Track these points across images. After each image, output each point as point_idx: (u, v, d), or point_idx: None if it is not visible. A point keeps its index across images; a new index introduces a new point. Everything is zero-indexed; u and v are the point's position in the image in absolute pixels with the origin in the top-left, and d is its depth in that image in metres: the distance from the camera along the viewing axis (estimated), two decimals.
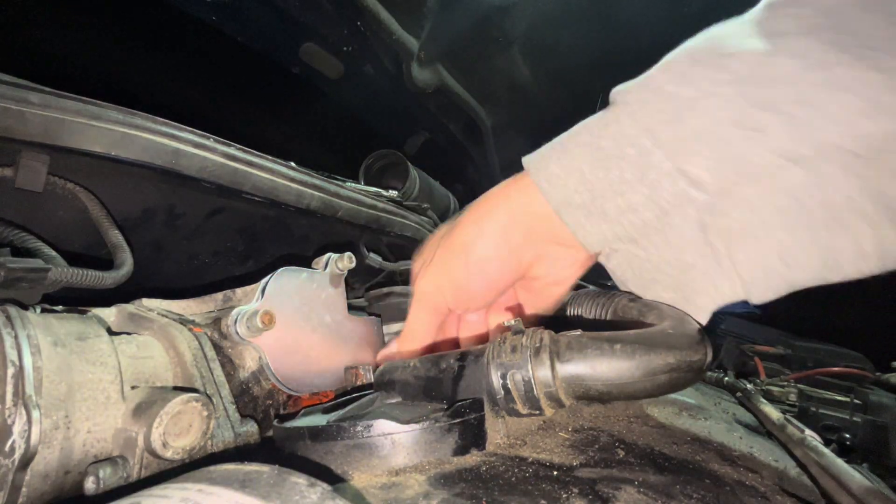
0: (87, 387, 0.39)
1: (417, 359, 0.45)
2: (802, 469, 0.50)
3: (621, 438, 0.44)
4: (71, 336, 0.41)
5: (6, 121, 0.52)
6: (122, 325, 0.51)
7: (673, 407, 0.56)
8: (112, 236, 0.61)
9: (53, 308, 0.47)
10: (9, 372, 0.35)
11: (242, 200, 0.78)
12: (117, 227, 0.63)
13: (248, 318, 0.51)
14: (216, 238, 0.82)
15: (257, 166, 0.75)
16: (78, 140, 0.57)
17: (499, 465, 0.36)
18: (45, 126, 0.55)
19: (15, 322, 0.38)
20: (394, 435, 0.36)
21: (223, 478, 0.25)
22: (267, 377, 0.53)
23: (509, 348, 0.39)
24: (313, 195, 0.85)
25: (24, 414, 0.35)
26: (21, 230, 0.55)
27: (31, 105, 0.54)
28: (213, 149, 0.69)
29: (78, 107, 0.57)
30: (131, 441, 0.39)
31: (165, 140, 0.64)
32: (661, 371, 0.36)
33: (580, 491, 0.33)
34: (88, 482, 0.36)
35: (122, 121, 0.61)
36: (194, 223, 0.78)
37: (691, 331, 0.38)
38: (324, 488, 0.25)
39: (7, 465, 0.34)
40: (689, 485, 0.36)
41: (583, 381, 0.37)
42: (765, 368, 1.15)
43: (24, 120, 0.53)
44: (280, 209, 0.84)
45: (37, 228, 0.57)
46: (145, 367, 0.45)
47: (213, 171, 0.69)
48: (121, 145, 0.60)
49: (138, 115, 0.63)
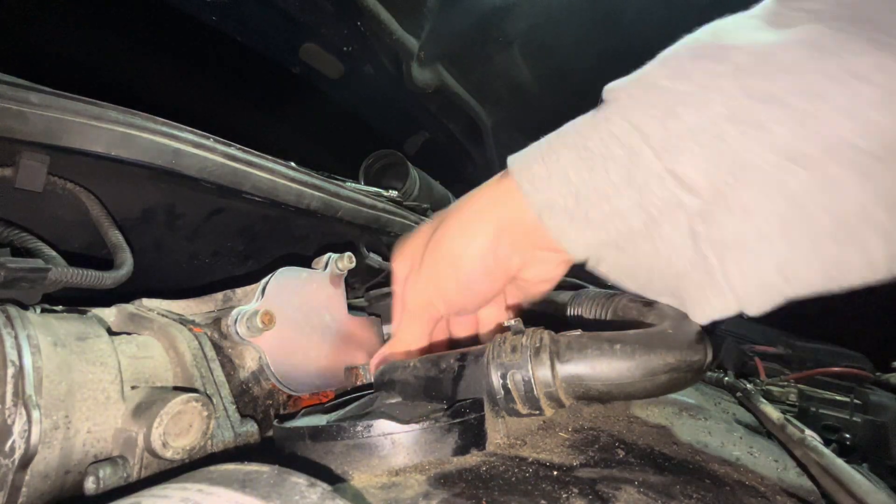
0: (87, 387, 0.39)
1: (417, 359, 0.45)
2: (802, 469, 0.50)
3: (621, 438, 0.44)
4: (71, 336, 0.41)
5: (6, 121, 0.52)
6: (122, 325, 0.51)
7: (673, 407, 0.56)
8: (112, 236, 0.61)
9: (53, 308, 0.47)
10: (9, 372, 0.35)
11: (242, 200, 0.78)
12: (117, 227, 0.63)
13: (248, 318, 0.51)
14: (216, 238, 0.82)
15: (257, 166, 0.75)
16: (78, 140, 0.57)
17: (499, 465, 0.36)
18: (45, 126, 0.55)
19: (15, 322, 0.38)
20: (394, 435, 0.36)
21: (223, 478, 0.25)
22: (267, 377, 0.53)
23: (509, 348, 0.39)
24: (313, 195, 0.85)
25: (24, 414, 0.35)
26: (21, 230, 0.55)
27: (31, 105, 0.53)
28: (213, 149, 0.69)
29: (78, 107, 0.57)
30: (131, 441, 0.39)
31: (165, 140, 0.64)
32: (661, 371, 0.36)
33: (580, 491, 0.33)
34: (88, 482, 0.36)
35: (122, 121, 0.61)
36: (194, 223, 0.78)
37: (691, 331, 0.38)
38: (324, 488, 0.25)
39: (7, 465, 0.34)
40: (689, 485, 0.36)
41: (583, 381, 0.37)
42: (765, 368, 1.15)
43: (24, 120, 0.53)
44: (280, 209, 0.84)
45: (37, 228, 0.57)
46: (145, 367, 0.45)
47: (213, 171, 0.69)
48: (121, 145, 0.60)
49: (138, 115, 0.63)
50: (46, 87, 0.56)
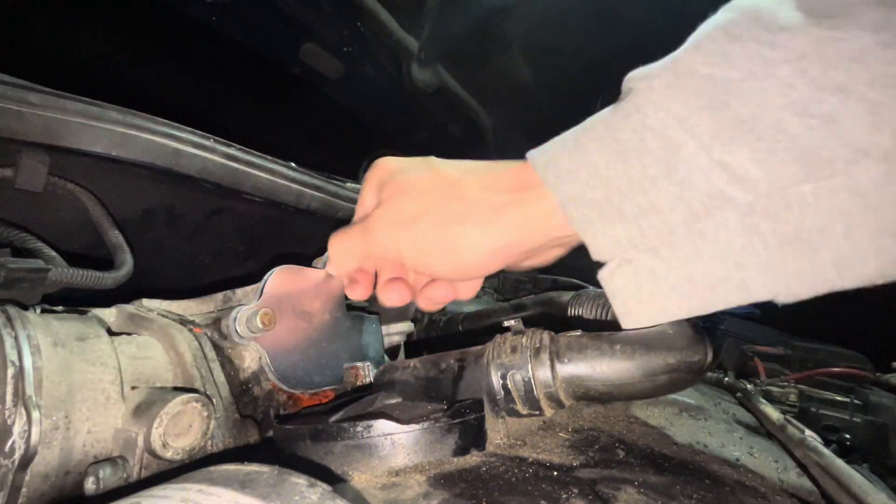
0: (87, 387, 0.39)
1: (417, 359, 0.45)
2: (802, 469, 0.50)
3: (621, 439, 0.44)
4: (71, 336, 0.41)
5: (6, 121, 0.52)
6: (122, 326, 0.51)
7: (673, 407, 0.56)
8: (112, 236, 0.61)
9: (53, 308, 0.47)
10: (9, 372, 0.35)
11: (242, 200, 0.78)
12: (117, 227, 0.63)
13: (247, 318, 0.51)
14: (216, 238, 0.82)
15: (257, 166, 0.75)
16: (78, 140, 0.57)
17: (499, 466, 0.36)
18: (45, 126, 0.55)
19: (15, 322, 0.38)
20: (394, 435, 0.36)
21: (223, 478, 0.25)
22: (267, 377, 0.53)
23: (509, 348, 0.39)
24: (313, 195, 0.85)
25: (24, 414, 0.35)
26: (21, 230, 0.55)
27: (31, 105, 0.54)
28: (213, 149, 0.69)
29: (78, 107, 0.57)
30: (131, 441, 0.38)
31: (165, 140, 0.64)
32: (661, 371, 0.36)
33: (580, 491, 0.33)
34: (88, 482, 0.36)
35: (122, 121, 0.61)
36: (194, 223, 0.78)
37: (691, 331, 0.38)
38: (324, 489, 0.25)
39: (7, 465, 0.34)
40: (689, 485, 0.36)
41: (583, 382, 0.37)
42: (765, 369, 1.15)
43: (24, 120, 0.53)
44: (280, 209, 0.84)
45: (37, 228, 0.57)
46: (145, 367, 0.45)
47: (213, 171, 0.69)
48: (121, 145, 0.60)
49: (138, 116, 0.63)
50: (46, 87, 0.56)
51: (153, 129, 0.63)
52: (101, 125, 0.59)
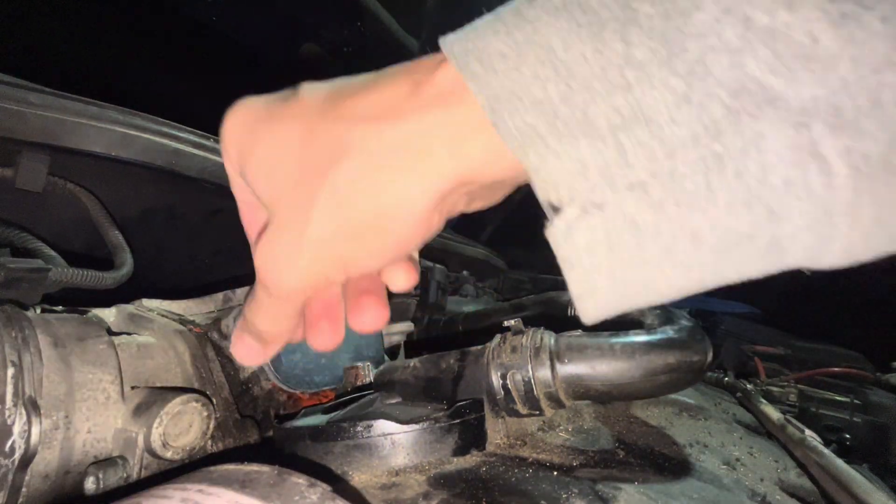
0: (87, 387, 0.39)
1: (417, 359, 0.45)
2: (802, 469, 0.50)
3: (621, 439, 0.44)
4: (71, 336, 0.41)
5: (6, 121, 0.52)
6: (122, 326, 0.51)
7: (673, 407, 0.56)
8: (112, 236, 0.61)
9: (53, 308, 0.47)
10: (9, 372, 0.35)
11: None
12: (117, 228, 0.63)
13: None
14: (216, 238, 0.82)
15: None
16: (78, 140, 0.57)
17: (499, 466, 0.36)
18: (45, 126, 0.55)
19: (15, 322, 0.38)
20: (394, 435, 0.36)
21: (223, 478, 0.25)
22: (267, 377, 0.53)
23: (509, 348, 0.39)
24: None
25: (24, 414, 0.35)
26: (21, 230, 0.55)
27: (31, 105, 0.54)
28: (213, 149, 0.69)
29: (78, 107, 0.57)
30: (131, 441, 0.39)
31: (165, 140, 0.64)
32: (661, 371, 0.36)
33: (580, 491, 0.33)
34: (88, 482, 0.36)
35: (122, 121, 0.61)
36: (194, 223, 0.78)
37: (691, 331, 0.38)
38: (324, 489, 0.25)
39: (7, 465, 0.34)
40: (689, 485, 0.36)
41: (583, 382, 0.37)
42: (765, 368, 1.15)
43: (24, 120, 0.53)
44: None
45: (37, 228, 0.57)
46: (145, 367, 0.45)
47: (213, 171, 0.69)
48: (121, 145, 0.60)
49: (138, 115, 0.63)
50: (46, 87, 0.56)
51: (153, 129, 0.63)
52: (101, 125, 0.59)
